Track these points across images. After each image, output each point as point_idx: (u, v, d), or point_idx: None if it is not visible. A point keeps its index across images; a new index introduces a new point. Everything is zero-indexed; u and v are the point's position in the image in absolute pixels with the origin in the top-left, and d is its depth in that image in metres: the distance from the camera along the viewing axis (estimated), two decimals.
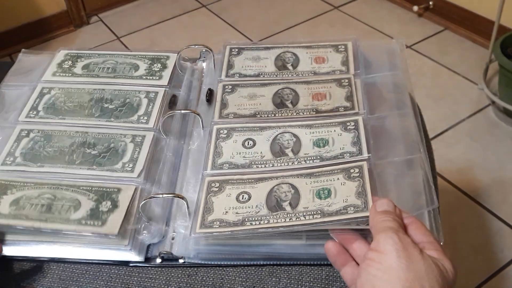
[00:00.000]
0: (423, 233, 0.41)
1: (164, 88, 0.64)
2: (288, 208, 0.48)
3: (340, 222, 0.45)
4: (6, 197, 0.52)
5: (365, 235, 0.45)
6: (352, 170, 0.50)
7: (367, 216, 0.45)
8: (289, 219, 0.47)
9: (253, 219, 0.47)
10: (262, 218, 0.47)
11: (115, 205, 0.51)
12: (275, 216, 0.47)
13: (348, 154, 0.52)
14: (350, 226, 0.45)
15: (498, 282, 1.24)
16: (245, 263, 0.49)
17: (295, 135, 0.55)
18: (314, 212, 0.47)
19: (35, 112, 0.62)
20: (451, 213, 1.40)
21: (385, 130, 0.55)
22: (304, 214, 0.47)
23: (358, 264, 0.44)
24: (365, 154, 0.52)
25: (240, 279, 0.48)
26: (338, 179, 0.50)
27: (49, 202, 0.52)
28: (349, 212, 0.46)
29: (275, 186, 0.50)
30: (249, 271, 0.49)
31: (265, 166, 0.53)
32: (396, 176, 0.51)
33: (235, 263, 0.49)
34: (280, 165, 0.53)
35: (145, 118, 0.60)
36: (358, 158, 0.51)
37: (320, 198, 0.48)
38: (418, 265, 0.37)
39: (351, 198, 0.47)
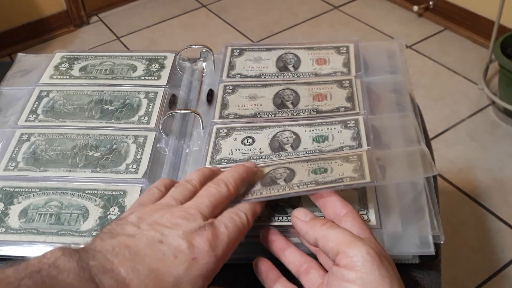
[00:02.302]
0: (359, 227, 0.41)
1: (163, 88, 0.64)
2: (282, 183, 0.48)
3: (335, 188, 0.45)
4: (13, 207, 0.52)
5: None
6: (350, 157, 0.50)
7: (363, 183, 0.45)
8: (282, 190, 0.46)
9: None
10: (256, 192, 0.47)
11: (123, 211, 0.51)
12: (268, 190, 0.47)
13: (347, 148, 0.52)
14: (343, 188, 0.45)
15: (498, 283, 1.24)
16: (245, 262, 0.49)
17: (294, 133, 0.56)
18: (309, 183, 0.46)
19: (34, 116, 0.62)
20: (451, 213, 1.40)
21: (385, 131, 0.55)
22: (298, 185, 0.47)
23: (287, 279, 0.44)
24: (365, 147, 0.52)
25: (240, 279, 0.48)
26: (335, 162, 0.49)
27: (57, 211, 0.52)
28: (344, 181, 0.45)
29: (271, 170, 0.50)
30: (249, 271, 0.49)
31: (263, 161, 0.53)
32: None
33: (234, 262, 0.49)
34: (278, 159, 0.53)
35: (146, 118, 0.60)
36: (357, 151, 0.51)
37: (315, 174, 0.48)
38: (395, 279, 0.37)
39: (348, 172, 0.47)
